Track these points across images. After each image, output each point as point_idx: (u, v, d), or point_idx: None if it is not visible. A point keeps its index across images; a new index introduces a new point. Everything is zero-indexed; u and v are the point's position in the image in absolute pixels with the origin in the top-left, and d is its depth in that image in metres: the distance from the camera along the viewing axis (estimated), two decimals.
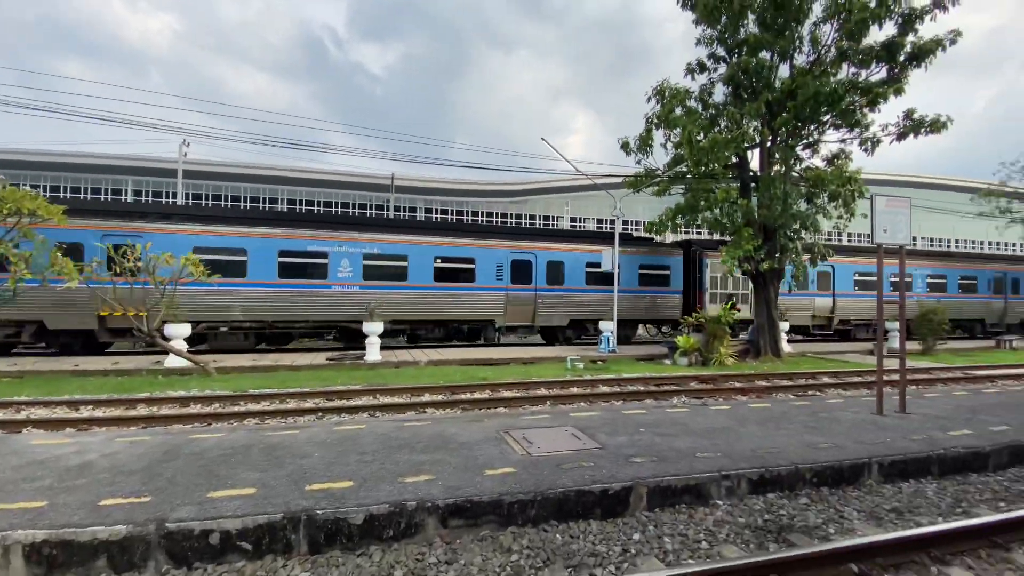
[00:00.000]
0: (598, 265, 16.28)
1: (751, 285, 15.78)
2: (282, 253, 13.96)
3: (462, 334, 16.74)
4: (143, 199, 36.99)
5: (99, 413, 7.37)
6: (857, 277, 20.35)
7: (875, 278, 6.61)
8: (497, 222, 52.35)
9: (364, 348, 12.61)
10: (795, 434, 5.55)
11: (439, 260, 15.47)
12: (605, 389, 9.17)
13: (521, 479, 4.08)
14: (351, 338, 14.69)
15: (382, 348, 13.09)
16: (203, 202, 38.08)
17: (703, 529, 3.82)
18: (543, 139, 14.63)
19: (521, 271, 16.34)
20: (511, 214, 53.06)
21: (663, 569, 3.11)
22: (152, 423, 6.75)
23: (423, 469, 4.28)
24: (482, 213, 53.40)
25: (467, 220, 49.98)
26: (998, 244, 44.01)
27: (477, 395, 8.61)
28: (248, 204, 40.26)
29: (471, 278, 15.82)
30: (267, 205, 41.67)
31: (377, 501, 3.65)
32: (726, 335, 13.48)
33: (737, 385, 9.59)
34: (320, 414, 7.27)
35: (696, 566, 3.11)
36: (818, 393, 9.01)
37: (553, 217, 52.40)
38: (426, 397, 8.36)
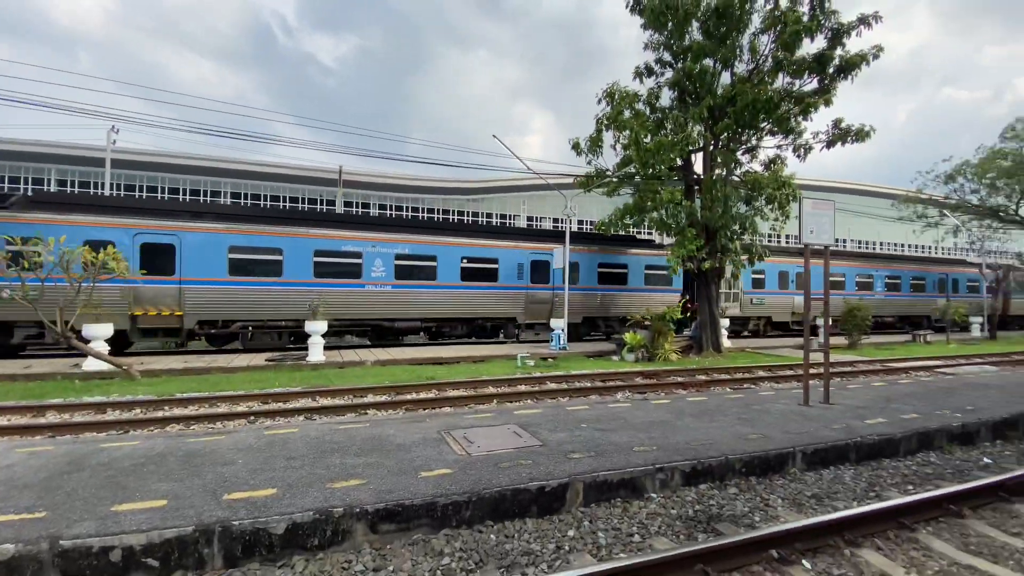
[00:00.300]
0: (610, 266, 18.02)
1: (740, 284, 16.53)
2: (317, 253, 14.02)
3: (484, 331, 17.02)
4: (68, 189, 34.13)
5: (1, 421, 6.68)
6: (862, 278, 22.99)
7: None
8: (454, 219, 51.93)
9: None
10: (728, 426, 5.77)
11: (465, 260, 16.03)
12: (552, 386, 9.23)
13: (457, 480, 3.99)
14: (381, 335, 15.48)
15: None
16: (136, 193, 35.56)
17: (637, 522, 3.87)
18: (495, 136, 14.51)
19: (540, 271, 17.09)
20: (468, 212, 52.74)
21: (594, 564, 3.11)
22: (61, 431, 6.18)
23: (355, 473, 4.12)
24: (439, 210, 52.81)
25: (423, 217, 49.30)
26: (917, 247, 47.74)
27: (423, 395, 8.44)
28: (188, 197, 37.98)
29: (495, 277, 16.45)
30: (208, 198, 39.49)
31: (302, 509, 3.47)
32: (670, 332, 13.90)
33: (678, 380, 9.89)
34: (252, 418, 6.90)
35: (626, 560, 3.15)
36: (752, 386, 9.44)
37: (510, 216, 52.50)
38: (369, 398, 8.11)
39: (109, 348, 10.74)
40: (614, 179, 16.32)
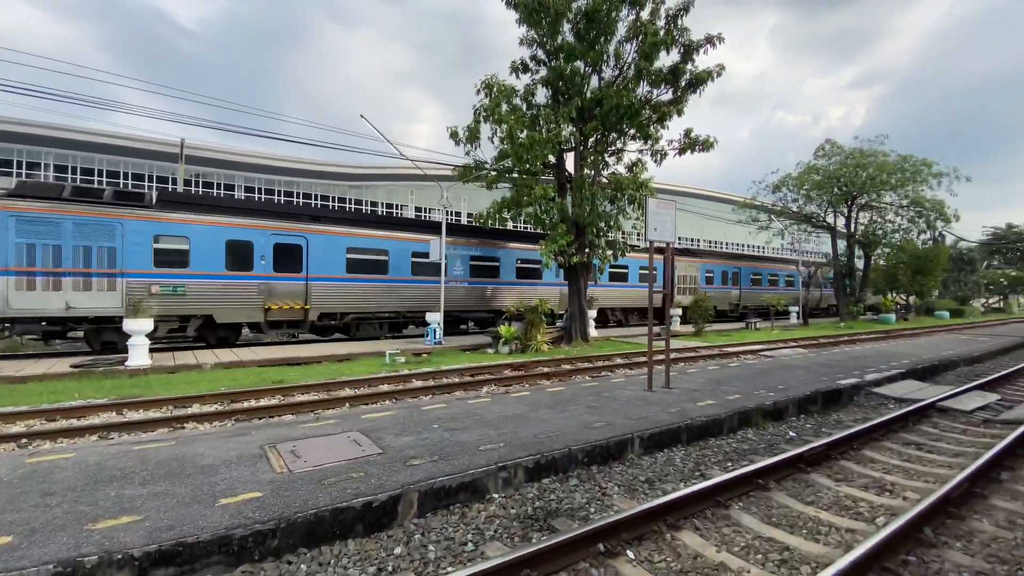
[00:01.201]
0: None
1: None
2: (414, 254, 16.16)
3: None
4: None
5: None
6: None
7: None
8: (334, 207, 48.51)
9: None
10: (577, 415, 5.88)
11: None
12: (418, 384, 8.82)
13: (267, 504, 3.43)
14: (456, 324, 17.90)
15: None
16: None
17: (473, 528, 3.66)
18: (362, 116, 13.49)
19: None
20: (350, 199, 49.60)
21: None
22: None
23: (131, 507, 3.34)
24: (316, 196, 48.93)
25: (298, 203, 45.31)
26: (754, 247, 55.41)
27: (264, 402, 7.51)
28: None
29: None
30: (24, 170, 32.17)
31: (39, 561, 2.68)
32: (542, 323, 14.26)
33: (545, 370, 10.10)
34: (25, 441, 5.50)
35: (451, 572, 2.89)
36: (609, 373, 9.97)
37: (397, 205, 50.41)
38: (194, 409, 6.97)
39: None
40: (492, 172, 16.28)
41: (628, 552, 3.37)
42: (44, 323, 11.29)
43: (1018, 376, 10.54)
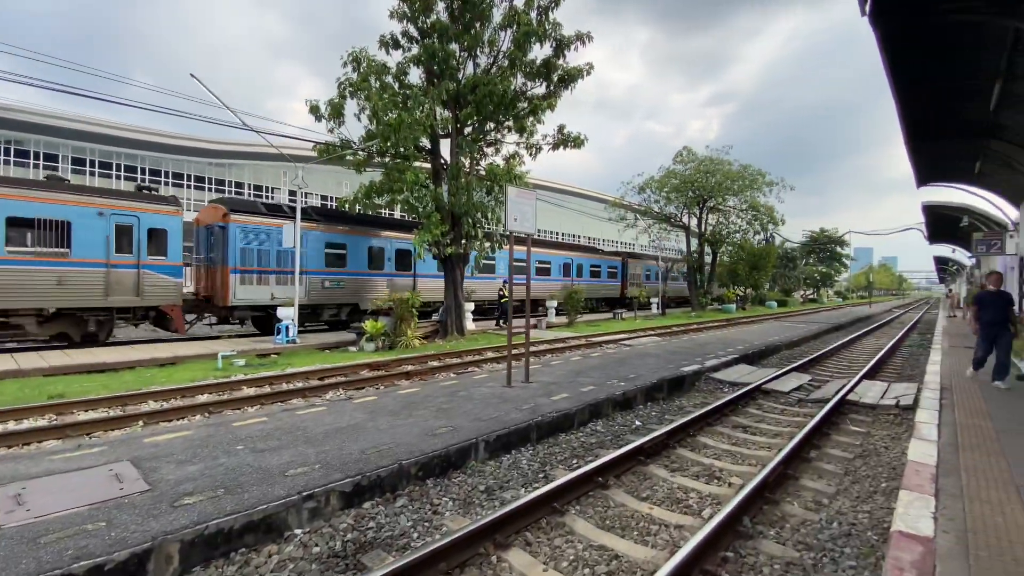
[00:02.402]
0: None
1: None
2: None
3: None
4: None
5: None
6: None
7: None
8: (191, 185, 42.15)
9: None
10: (422, 421, 5.32)
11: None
12: (249, 392, 7.57)
13: None
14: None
15: None
16: None
17: None
18: (192, 75, 11.31)
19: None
20: (209, 178, 43.42)
21: None
22: None
23: None
24: (168, 173, 42.10)
25: (143, 180, 38.64)
26: (625, 243, 59.69)
27: (27, 423, 5.81)
28: None
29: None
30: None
31: None
32: (413, 317, 13.48)
33: (408, 369, 9.40)
34: None
35: None
36: (476, 368, 9.59)
37: (267, 187, 45.31)
38: None
39: None
40: (359, 152, 15.03)
41: None
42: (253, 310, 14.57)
43: (825, 358, 12.31)
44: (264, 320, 14.93)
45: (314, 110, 14.26)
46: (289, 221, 13.70)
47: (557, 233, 59.51)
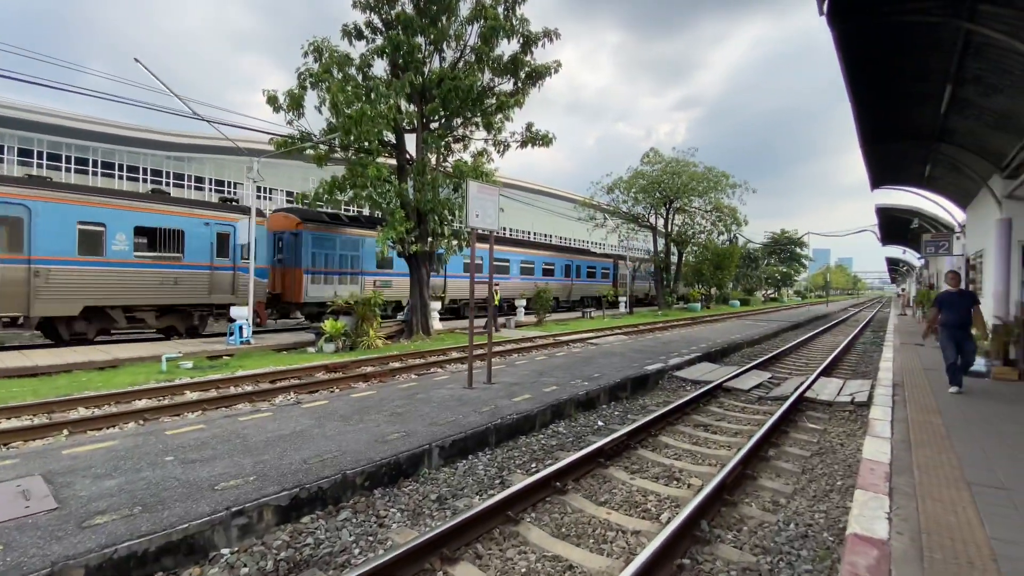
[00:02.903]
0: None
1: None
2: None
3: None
4: None
5: None
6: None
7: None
8: (147, 179, 40.07)
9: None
10: (374, 426, 5.04)
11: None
12: (191, 396, 7.11)
13: None
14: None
15: None
16: None
17: None
18: (137, 60, 10.60)
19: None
20: (169, 172, 41.34)
21: None
22: None
23: None
24: (122, 166, 39.85)
25: (96, 172, 36.59)
26: (596, 243, 60.09)
27: None
28: None
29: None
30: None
31: None
32: (375, 317, 13.09)
33: (369, 370, 9.07)
34: None
35: None
36: (439, 369, 9.33)
37: (230, 183, 43.41)
38: None
39: None
40: (319, 146, 14.54)
41: None
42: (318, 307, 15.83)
43: (784, 356, 12.57)
44: (316, 317, 16.09)
45: (272, 101, 13.72)
46: (355, 228, 16.92)
47: (529, 232, 59.47)
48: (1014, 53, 5.58)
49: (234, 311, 12.24)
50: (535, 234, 59.04)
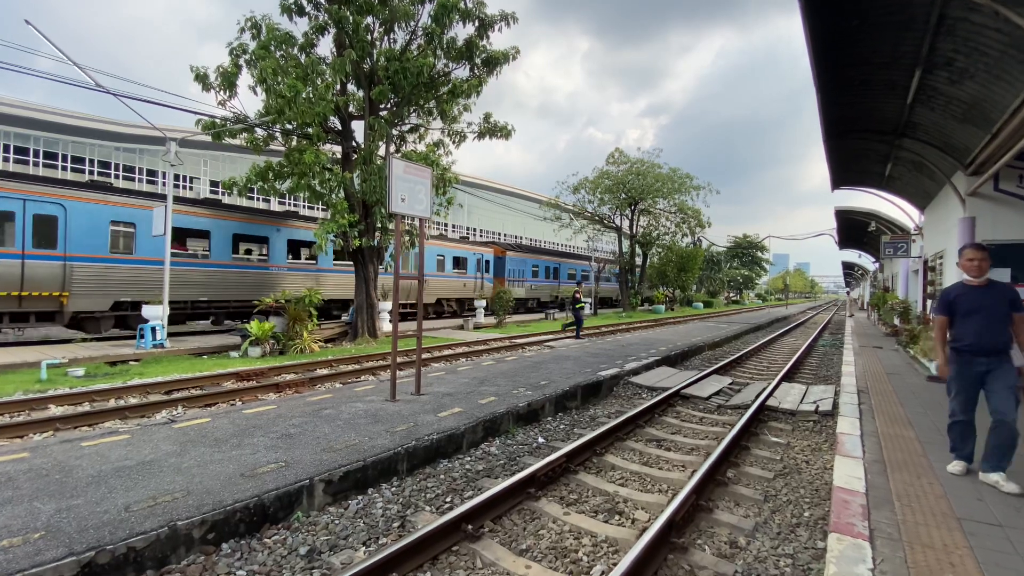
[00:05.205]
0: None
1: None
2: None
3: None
4: None
5: None
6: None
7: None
8: (92, 171, 37.15)
9: None
10: (250, 453, 4.06)
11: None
12: (56, 411, 5.92)
13: None
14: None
15: None
16: None
17: None
18: (28, 22, 9.16)
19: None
20: (118, 164, 38.39)
21: None
22: None
23: None
24: (66, 157, 36.81)
25: (38, 163, 33.70)
26: (565, 244, 59.59)
27: None
28: None
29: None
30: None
31: None
32: (309, 319, 11.94)
33: (289, 377, 8.01)
34: None
35: None
36: (370, 377, 8.34)
37: (186, 177, 40.69)
38: None
39: None
40: (257, 131, 13.31)
41: None
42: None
43: (746, 359, 12.12)
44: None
45: (201, 78, 12.49)
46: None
47: (500, 233, 58.63)
48: (989, 29, 5.08)
49: (146, 311, 10.87)
50: (506, 235, 58.25)
